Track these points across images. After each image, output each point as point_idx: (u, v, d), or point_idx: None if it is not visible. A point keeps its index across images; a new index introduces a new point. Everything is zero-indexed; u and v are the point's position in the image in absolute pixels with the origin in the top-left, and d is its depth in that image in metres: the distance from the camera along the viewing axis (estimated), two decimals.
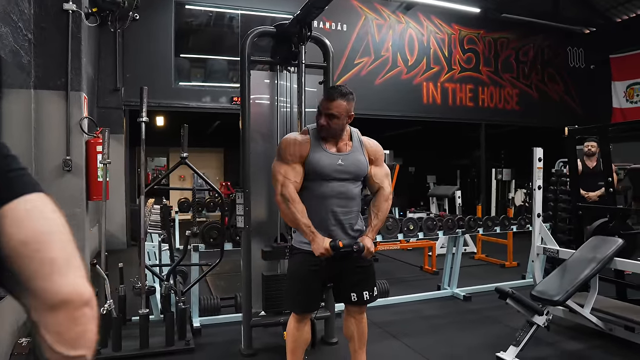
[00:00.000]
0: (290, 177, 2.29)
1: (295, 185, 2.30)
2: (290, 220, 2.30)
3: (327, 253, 2.21)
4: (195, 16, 8.42)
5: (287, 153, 2.33)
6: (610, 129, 4.08)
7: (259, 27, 3.33)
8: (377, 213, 2.41)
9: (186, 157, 3.57)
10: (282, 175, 2.30)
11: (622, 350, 3.23)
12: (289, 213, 2.27)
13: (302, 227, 2.25)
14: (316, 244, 2.21)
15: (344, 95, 2.31)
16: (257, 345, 3.35)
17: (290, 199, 2.26)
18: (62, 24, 3.98)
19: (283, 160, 2.33)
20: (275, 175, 2.33)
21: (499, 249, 6.69)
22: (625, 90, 9.91)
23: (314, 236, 2.22)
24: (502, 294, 3.16)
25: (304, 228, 2.24)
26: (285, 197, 2.26)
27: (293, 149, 2.33)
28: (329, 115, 2.29)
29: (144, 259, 3.31)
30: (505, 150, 12.05)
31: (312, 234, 2.23)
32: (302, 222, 2.24)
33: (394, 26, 9.10)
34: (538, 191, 4.03)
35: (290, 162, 2.31)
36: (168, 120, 10.01)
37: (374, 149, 2.49)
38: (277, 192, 2.30)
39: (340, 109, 2.30)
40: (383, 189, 2.45)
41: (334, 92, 2.33)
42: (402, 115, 9.29)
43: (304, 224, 2.24)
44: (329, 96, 2.33)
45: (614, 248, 3.29)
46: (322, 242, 2.21)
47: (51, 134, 3.90)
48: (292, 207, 2.25)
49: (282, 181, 2.29)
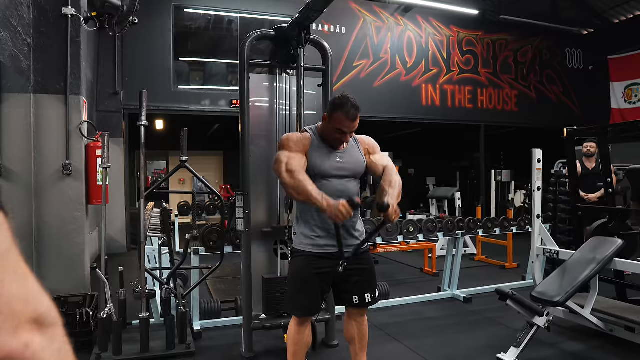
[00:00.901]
0: (294, 158, 2.27)
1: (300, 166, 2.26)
2: (300, 191, 2.18)
3: (345, 210, 2.09)
4: (194, 20, 8.44)
5: (291, 142, 2.33)
6: (608, 129, 4.08)
7: (257, 31, 3.34)
8: (390, 182, 2.31)
9: (186, 161, 3.57)
10: (286, 156, 2.27)
11: (622, 351, 3.23)
12: (297, 184, 2.18)
13: (313, 195, 2.14)
14: (331, 207, 2.10)
15: (359, 109, 2.31)
16: (257, 348, 3.35)
17: (296, 171, 2.20)
18: (61, 28, 3.99)
19: (286, 149, 2.31)
20: (278, 159, 2.28)
21: (499, 250, 6.69)
22: (624, 91, 9.93)
23: (327, 201, 2.12)
24: (502, 295, 3.16)
25: (315, 195, 2.14)
26: (290, 169, 2.20)
27: (296, 139, 2.35)
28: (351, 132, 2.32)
29: (144, 262, 3.31)
30: (505, 151, 12.07)
31: (324, 199, 2.13)
32: (312, 189, 2.15)
33: (393, 28, 9.12)
34: (537, 192, 4.04)
35: (294, 150, 2.31)
36: (167, 123, 10.02)
37: (367, 141, 2.52)
38: (282, 170, 2.23)
39: (358, 122, 2.32)
40: (388, 166, 2.41)
41: (355, 111, 2.28)
42: (402, 117, 9.30)
43: (314, 190, 2.15)
44: (351, 116, 2.27)
45: (613, 249, 3.29)
46: (336, 204, 2.10)
47: (51, 138, 3.90)
48: (300, 177, 2.19)
49: (286, 160, 2.25)
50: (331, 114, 2.31)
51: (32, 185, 3.76)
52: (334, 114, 2.29)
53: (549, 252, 3.85)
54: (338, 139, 2.34)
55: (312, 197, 2.13)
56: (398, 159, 9.41)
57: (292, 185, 2.19)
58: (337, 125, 2.29)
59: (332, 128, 2.31)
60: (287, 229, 3.24)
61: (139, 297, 3.26)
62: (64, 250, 3.87)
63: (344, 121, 2.27)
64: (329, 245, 2.34)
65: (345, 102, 2.28)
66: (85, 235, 4.05)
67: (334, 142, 2.36)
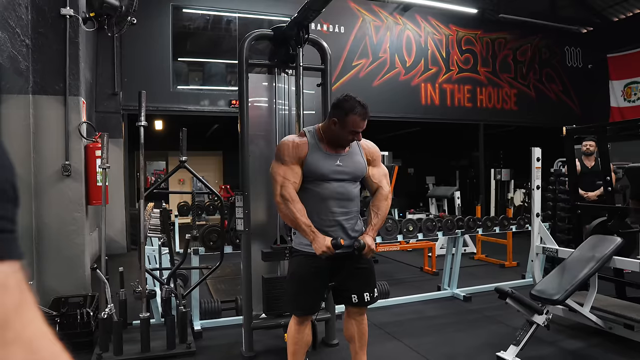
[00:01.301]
0: (289, 177, 2.30)
1: (294, 186, 2.30)
2: (290, 220, 2.29)
3: (329, 251, 2.19)
4: (193, 20, 8.44)
5: (286, 155, 2.33)
6: (608, 128, 4.08)
7: (256, 31, 3.34)
8: (377, 212, 2.42)
9: (185, 161, 3.58)
10: (281, 176, 2.30)
11: (621, 349, 3.24)
12: (288, 213, 2.26)
13: (302, 227, 2.24)
14: (317, 243, 2.20)
15: (366, 107, 2.33)
16: (258, 347, 3.35)
17: (290, 199, 2.25)
18: (59, 29, 3.99)
19: (281, 162, 2.33)
20: (274, 176, 2.33)
21: (498, 249, 6.70)
22: (623, 89, 9.93)
23: (315, 235, 2.22)
24: (501, 293, 3.16)
25: (304, 228, 2.23)
26: (285, 197, 2.26)
27: (291, 150, 2.34)
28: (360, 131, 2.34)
29: (144, 262, 3.32)
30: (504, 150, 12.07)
31: (313, 233, 2.22)
32: (302, 222, 2.24)
33: (392, 28, 9.12)
34: (537, 191, 4.04)
35: (288, 163, 2.32)
36: (167, 124, 10.02)
37: (372, 150, 2.52)
38: (277, 193, 2.30)
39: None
40: (382, 188, 2.46)
41: (364, 110, 2.31)
42: (401, 116, 9.30)
43: (304, 223, 2.23)
44: (363, 115, 2.30)
45: (612, 247, 3.30)
46: (323, 241, 2.20)
47: (50, 139, 3.90)
48: (292, 207, 2.25)
49: (281, 182, 2.29)
50: (344, 118, 2.29)
51: (32, 186, 3.77)
52: (348, 117, 2.28)
53: (548, 250, 3.85)
54: (352, 140, 2.36)
55: (300, 229, 2.26)
56: (397, 158, 9.40)
57: (285, 213, 2.29)
58: (353, 127, 2.30)
59: (347, 131, 2.31)
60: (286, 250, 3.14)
61: (140, 297, 3.27)
62: (64, 251, 3.87)
63: (358, 122, 2.30)
64: None
65: (355, 105, 2.29)
66: (85, 235, 4.05)
67: (345, 143, 2.37)
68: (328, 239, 2.23)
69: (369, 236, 2.34)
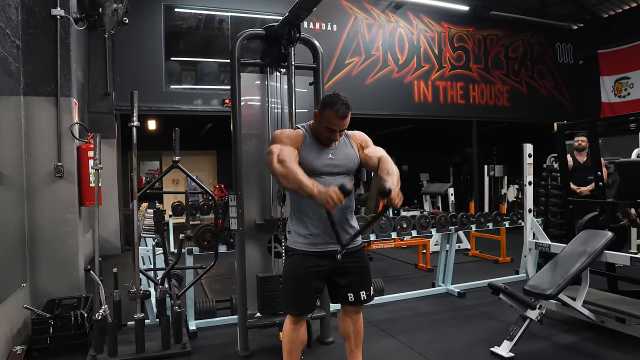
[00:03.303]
0: (286, 151, 2.26)
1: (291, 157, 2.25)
2: (291, 179, 2.16)
3: (337, 196, 2.04)
4: (185, 19, 8.40)
5: (284, 136, 2.34)
6: (598, 123, 4.12)
7: (248, 30, 3.34)
8: (387, 170, 2.29)
9: (178, 161, 3.57)
10: (278, 148, 2.26)
11: (613, 342, 3.28)
12: (288, 172, 2.16)
13: (304, 182, 2.12)
14: (322, 193, 2.05)
15: (349, 107, 2.31)
16: (253, 346, 3.36)
17: (288, 160, 2.20)
18: (50, 30, 3.96)
19: (279, 142, 2.32)
20: (270, 150, 2.27)
21: (492, 245, 6.74)
22: (614, 85, 10.01)
23: (318, 187, 2.10)
24: (494, 289, 3.19)
25: (306, 181, 2.12)
26: (282, 159, 2.19)
27: (289, 134, 2.37)
28: (341, 130, 2.33)
29: (139, 263, 3.31)
30: (497, 146, 12.14)
31: (316, 186, 2.10)
32: (303, 177, 2.13)
33: (384, 25, 9.14)
34: (529, 187, 4.07)
35: (286, 143, 2.31)
36: (160, 123, 9.98)
37: (360, 137, 2.53)
38: (274, 161, 2.21)
39: (348, 120, 2.32)
40: (383, 157, 2.42)
41: (345, 109, 2.27)
42: (394, 114, 9.33)
43: (305, 177, 2.13)
44: (341, 114, 2.26)
45: (603, 241, 3.33)
46: (326, 190, 2.06)
47: (42, 140, 3.88)
48: (291, 165, 2.18)
49: (277, 151, 2.24)
50: (322, 112, 2.31)
51: (24, 187, 3.74)
52: (324, 111, 2.29)
53: (540, 245, 3.89)
54: (328, 137, 2.34)
55: (302, 184, 2.11)
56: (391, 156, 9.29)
57: (283, 173, 2.18)
58: (327, 124, 2.30)
59: (323, 126, 2.32)
60: (280, 221, 3.25)
61: (134, 298, 3.26)
62: (58, 252, 3.85)
63: (333, 119, 2.28)
64: (323, 243, 2.35)
65: (336, 101, 2.28)
66: (79, 237, 4.03)
67: (324, 140, 2.36)
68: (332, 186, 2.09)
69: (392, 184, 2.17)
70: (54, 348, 3.26)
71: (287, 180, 2.17)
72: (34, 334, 3.25)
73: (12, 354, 3.12)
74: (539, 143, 4.70)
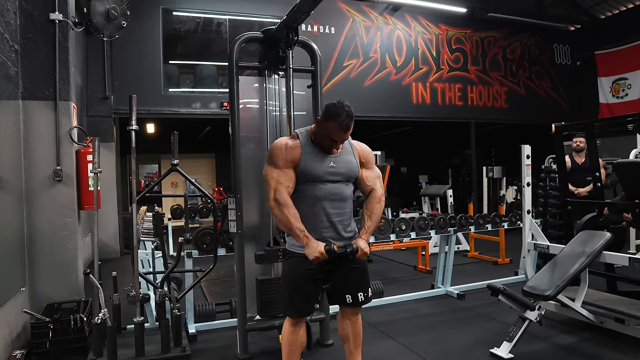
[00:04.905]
0: (283, 182, 2.30)
1: (288, 190, 2.31)
2: (284, 225, 2.29)
3: (322, 257, 2.21)
4: (183, 22, 8.41)
5: (279, 158, 2.33)
6: (596, 124, 4.13)
7: (246, 33, 3.35)
8: (370, 215, 2.42)
9: (177, 164, 3.57)
10: (275, 180, 2.30)
11: (613, 342, 3.28)
12: (282, 218, 2.27)
13: (295, 232, 2.25)
14: (310, 248, 2.22)
15: (353, 119, 2.30)
16: (253, 349, 3.36)
17: (284, 204, 2.26)
18: (49, 34, 3.96)
19: (275, 166, 2.33)
20: (267, 180, 2.33)
21: (491, 246, 6.74)
22: (611, 86, 10.03)
23: (308, 240, 2.23)
24: (493, 290, 3.20)
25: (297, 232, 2.24)
26: (279, 201, 2.27)
27: (284, 154, 2.34)
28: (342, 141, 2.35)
29: (138, 266, 3.31)
30: (496, 147, 12.16)
31: (306, 238, 2.23)
32: (296, 227, 2.25)
33: (382, 28, 9.16)
34: (527, 188, 4.08)
35: (282, 167, 2.32)
36: (159, 127, 9.98)
37: (364, 151, 2.53)
38: (270, 198, 2.30)
39: (351, 131, 2.33)
40: (375, 190, 2.47)
41: (348, 121, 2.27)
42: (392, 116, 9.34)
43: (298, 228, 2.24)
44: (344, 127, 2.26)
45: (602, 242, 3.34)
46: (316, 246, 2.22)
47: (41, 144, 3.88)
48: (286, 212, 2.25)
49: (274, 186, 2.29)
50: (325, 122, 2.30)
51: (23, 191, 3.74)
52: (327, 122, 2.28)
53: (539, 246, 3.89)
54: (329, 146, 2.35)
55: (294, 234, 2.27)
56: (390, 158, 9.42)
57: (279, 218, 2.31)
58: (330, 134, 2.30)
59: (325, 135, 2.32)
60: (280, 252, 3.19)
61: (133, 301, 3.26)
62: (57, 256, 3.85)
63: (336, 132, 2.28)
64: None
65: (340, 112, 2.25)
66: (78, 240, 4.03)
67: (325, 149, 2.37)
68: (321, 244, 2.23)
69: (362, 240, 2.36)
70: (53, 352, 3.25)
71: (282, 224, 2.32)
72: (33, 338, 3.25)
73: (12, 358, 3.12)
74: (537, 144, 4.71)
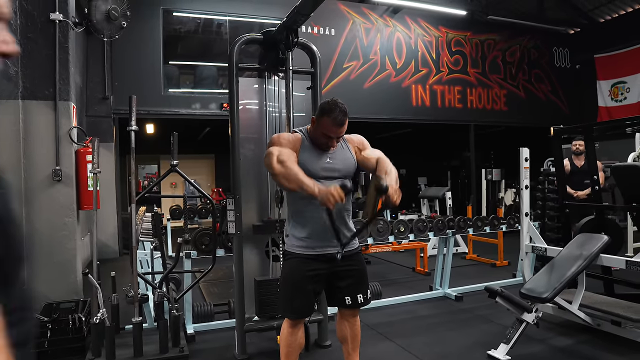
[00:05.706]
0: (285, 152, 2.27)
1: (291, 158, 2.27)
2: (291, 179, 2.17)
3: (337, 195, 2.05)
4: (184, 23, 8.43)
5: (282, 139, 2.35)
6: (594, 128, 4.15)
7: (246, 35, 3.36)
8: (385, 170, 2.32)
9: (176, 165, 3.58)
10: (277, 150, 2.27)
11: (609, 345, 3.29)
12: (288, 172, 2.17)
13: (304, 181, 2.13)
14: (322, 191, 2.07)
15: (346, 115, 2.30)
16: (251, 350, 3.37)
17: (288, 160, 2.21)
18: (49, 34, 3.98)
19: (278, 145, 2.32)
20: (269, 152, 2.28)
21: (490, 248, 6.75)
22: (610, 89, 10.06)
23: (319, 186, 2.12)
24: (491, 292, 3.21)
25: (306, 180, 2.13)
26: (282, 160, 2.20)
27: (287, 137, 2.38)
28: (338, 137, 2.34)
29: (136, 267, 3.32)
30: (495, 150, 12.16)
31: (316, 185, 2.12)
32: (303, 176, 2.15)
33: (382, 30, 9.17)
34: (525, 191, 4.09)
35: (285, 145, 2.32)
36: (158, 127, 9.99)
37: (357, 139, 2.54)
38: (273, 161, 2.22)
39: (345, 127, 2.33)
40: (380, 158, 2.43)
41: (342, 117, 2.27)
42: (392, 117, 9.35)
43: (305, 177, 2.15)
44: (338, 122, 2.27)
45: (599, 245, 3.35)
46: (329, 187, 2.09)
47: (40, 144, 3.89)
48: (291, 165, 2.19)
49: (277, 153, 2.25)
50: (319, 119, 2.32)
51: (22, 191, 3.75)
52: (322, 118, 2.30)
53: (537, 249, 3.90)
54: (325, 143, 2.36)
55: (303, 184, 2.12)
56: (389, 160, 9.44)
57: (284, 173, 2.18)
58: (324, 131, 2.31)
59: (320, 133, 2.33)
60: (277, 222, 3.26)
61: (132, 301, 3.26)
62: (56, 256, 3.86)
63: (330, 127, 2.29)
64: (321, 246, 2.36)
65: (334, 108, 2.27)
66: (77, 240, 4.04)
67: (321, 146, 2.38)
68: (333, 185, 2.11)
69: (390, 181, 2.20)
70: (51, 352, 3.25)
71: (288, 180, 2.18)
72: None
73: None
74: (536, 147, 4.73)
